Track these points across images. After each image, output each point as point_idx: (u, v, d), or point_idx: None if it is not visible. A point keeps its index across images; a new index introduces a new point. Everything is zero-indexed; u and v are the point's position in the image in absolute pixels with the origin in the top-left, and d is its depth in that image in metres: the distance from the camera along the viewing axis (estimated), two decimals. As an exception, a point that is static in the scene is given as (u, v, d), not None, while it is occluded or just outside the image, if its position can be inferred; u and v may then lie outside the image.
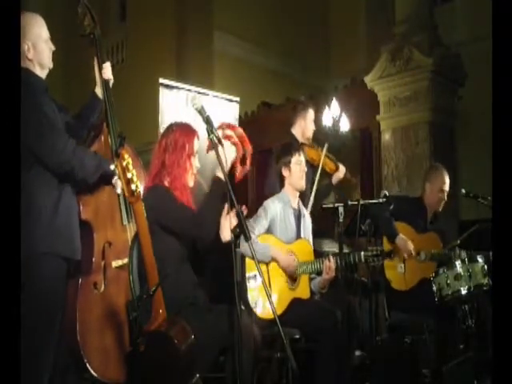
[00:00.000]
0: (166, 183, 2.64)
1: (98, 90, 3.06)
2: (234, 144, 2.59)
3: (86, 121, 3.00)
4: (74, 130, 2.89)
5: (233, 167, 2.62)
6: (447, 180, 4.15)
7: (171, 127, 2.74)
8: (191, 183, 2.69)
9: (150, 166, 2.72)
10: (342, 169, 4.43)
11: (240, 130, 2.63)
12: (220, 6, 9.52)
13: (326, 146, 4.36)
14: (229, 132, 2.60)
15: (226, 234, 2.55)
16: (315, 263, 3.44)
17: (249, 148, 2.63)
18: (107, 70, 3.07)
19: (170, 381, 2.32)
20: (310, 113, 4.47)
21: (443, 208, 4.23)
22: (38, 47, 2.70)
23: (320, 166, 3.52)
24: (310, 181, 4.22)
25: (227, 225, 2.49)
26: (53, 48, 2.78)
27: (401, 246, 3.87)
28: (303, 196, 3.89)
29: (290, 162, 3.59)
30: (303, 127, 4.44)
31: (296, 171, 3.59)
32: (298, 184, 3.61)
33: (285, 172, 3.61)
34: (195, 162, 2.69)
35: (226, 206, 2.50)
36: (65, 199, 2.66)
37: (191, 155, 2.66)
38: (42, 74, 2.77)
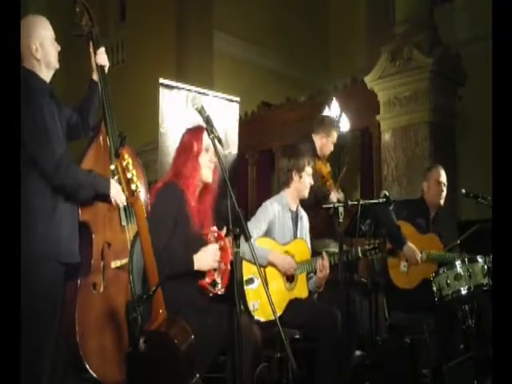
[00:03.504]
0: (181, 183, 2.68)
1: (95, 76, 3.05)
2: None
3: (88, 111, 2.99)
4: (77, 126, 2.93)
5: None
6: (442, 173, 4.18)
7: (183, 133, 2.82)
8: (209, 178, 2.74)
9: (170, 167, 2.83)
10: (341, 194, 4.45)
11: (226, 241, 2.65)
12: (220, 6, 9.51)
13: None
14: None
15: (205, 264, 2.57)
16: (312, 262, 3.44)
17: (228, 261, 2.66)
18: (102, 55, 3.06)
19: (170, 381, 2.32)
20: (334, 134, 4.40)
21: (443, 208, 4.23)
22: (46, 47, 2.73)
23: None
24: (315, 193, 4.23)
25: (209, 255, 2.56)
26: (58, 48, 2.81)
27: (408, 255, 3.90)
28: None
29: (303, 169, 3.58)
30: (323, 143, 4.37)
31: (305, 181, 3.59)
32: (302, 193, 3.61)
33: (295, 176, 3.60)
34: (206, 159, 2.72)
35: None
36: (63, 202, 2.64)
37: (199, 153, 2.71)
38: (48, 74, 2.78)
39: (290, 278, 3.43)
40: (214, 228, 2.65)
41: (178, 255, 2.56)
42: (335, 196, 4.21)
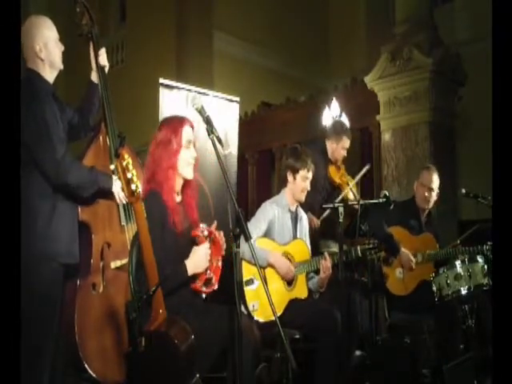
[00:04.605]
0: (158, 187, 2.55)
1: (94, 77, 3.05)
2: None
3: (88, 111, 2.99)
4: (78, 127, 2.93)
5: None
6: (434, 178, 4.13)
7: (159, 126, 2.67)
8: (190, 176, 2.61)
9: (145, 169, 2.65)
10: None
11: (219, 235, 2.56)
12: (220, 5, 9.51)
13: (353, 182, 4.32)
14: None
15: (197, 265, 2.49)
16: (312, 262, 3.44)
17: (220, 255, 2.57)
18: (103, 56, 3.06)
19: (170, 381, 2.32)
20: (345, 141, 4.34)
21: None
22: (50, 47, 2.74)
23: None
24: (322, 197, 4.19)
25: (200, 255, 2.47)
26: (62, 48, 2.81)
27: (403, 261, 3.91)
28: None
29: (297, 171, 3.55)
30: (333, 149, 4.34)
31: (299, 183, 3.56)
32: (297, 195, 3.59)
33: (289, 177, 3.58)
34: (187, 155, 2.59)
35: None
36: (62, 202, 2.65)
37: (179, 150, 2.57)
38: (52, 75, 2.79)
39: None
40: (203, 226, 2.54)
41: (171, 267, 2.46)
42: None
